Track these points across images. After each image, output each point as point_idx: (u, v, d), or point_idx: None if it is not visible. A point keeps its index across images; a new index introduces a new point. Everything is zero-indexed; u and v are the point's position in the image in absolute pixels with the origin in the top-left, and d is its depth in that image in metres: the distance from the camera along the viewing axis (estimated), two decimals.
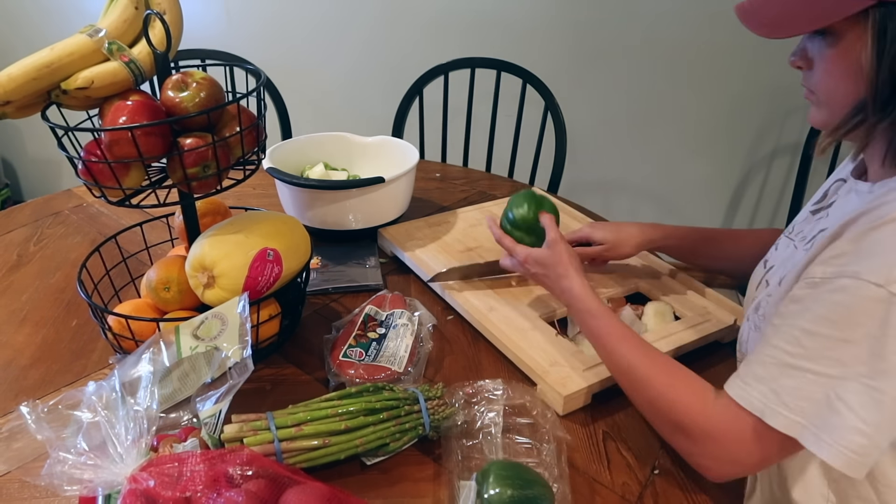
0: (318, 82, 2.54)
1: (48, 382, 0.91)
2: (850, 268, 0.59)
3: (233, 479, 0.63)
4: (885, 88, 0.62)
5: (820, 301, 0.61)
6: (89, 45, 0.78)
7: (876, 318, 0.57)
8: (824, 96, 0.69)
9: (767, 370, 0.64)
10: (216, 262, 0.83)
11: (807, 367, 0.61)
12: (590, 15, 2.26)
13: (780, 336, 0.64)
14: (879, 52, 0.61)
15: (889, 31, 0.60)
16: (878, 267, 0.57)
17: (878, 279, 0.57)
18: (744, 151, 2.39)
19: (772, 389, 0.63)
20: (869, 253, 0.59)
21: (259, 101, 0.88)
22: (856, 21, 0.62)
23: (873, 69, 0.62)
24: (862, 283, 0.58)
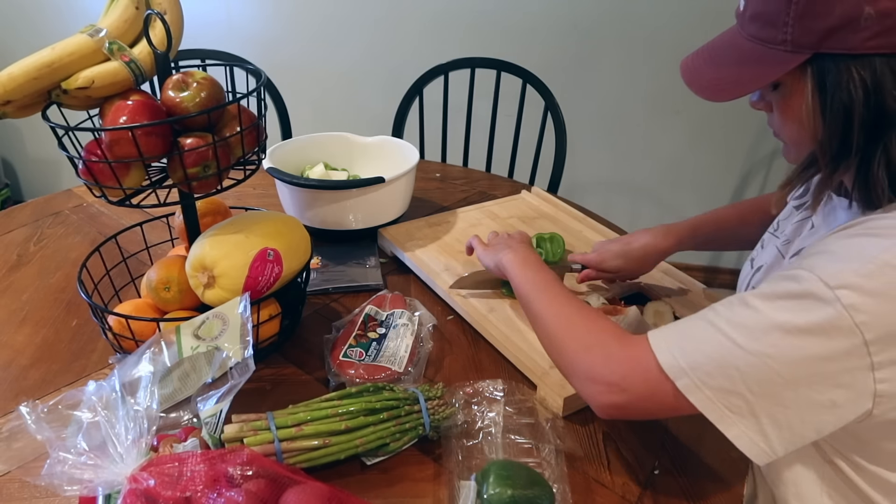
0: (318, 82, 2.55)
1: (48, 382, 0.91)
2: (808, 261, 0.59)
3: (233, 478, 0.63)
4: (833, 143, 0.61)
5: (770, 283, 0.61)
6: (90, 44, 0.78)
7: (810, 311, 0.56)
8: (787, 140, 0.68)
9: (690, 321, 0.64)
10: (216, 262, 0.83)
11: (722, 329, 0.61)
12: (590, 15, 2.26)
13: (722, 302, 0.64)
14: (822, 106, 0.60)
15: (829, 84, 0.59)
16: (836, 271, 0.57)
17: (830, 280, 0.56)
18: (744, 151, 2.40)
19: (680, 334, 0.64)
20: (833, 258, 0.58)
21: (259, 101, 0.88)
22: (798, 74, 0.61)
23: (818, 123, 0.61)
24: (813, 277, 0.57)
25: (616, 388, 0.67)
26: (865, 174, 0.61)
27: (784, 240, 0.79)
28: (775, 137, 0.70)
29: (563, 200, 1.40)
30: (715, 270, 2.58)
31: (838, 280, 0.56)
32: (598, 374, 0.68)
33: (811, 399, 0.58)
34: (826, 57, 0.59)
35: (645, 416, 0.70)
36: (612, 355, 0.68)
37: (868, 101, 0.57)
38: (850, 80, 0.58)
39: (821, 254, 0.60)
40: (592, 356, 0.70)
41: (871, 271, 0.55)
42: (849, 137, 0.60)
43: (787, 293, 0.59)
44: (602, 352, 0.69)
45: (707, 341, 0.61)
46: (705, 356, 0.61)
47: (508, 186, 1.54)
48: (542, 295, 0.80)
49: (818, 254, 0.60)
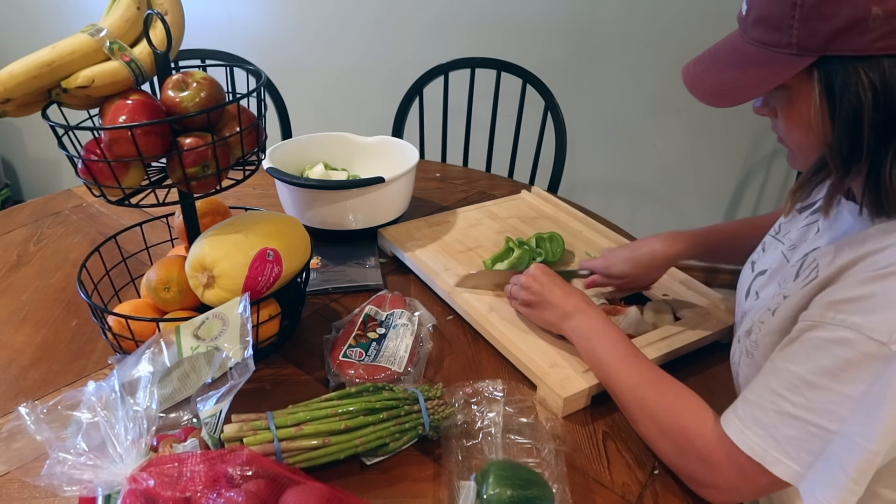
0: (318, 82, 2.55)
1: (48, 382, 0.91)
2: (853, 319, 0.58)
3: (232, 479, 0.63)
4: (843, 146, 0.60)
5: (821, 350, 0.60)
6: (90, 44, 0.78)
7: (875, 375, 0.57)
8: (792, 146, 0.67)
9: (768, 417, 0.64)
10: (216, 263, 0.83)
11: (807, 419, 0.61)
12: (590, 15, 2.26)
13: (780, 381, 0.63)
14: (831, 110, 0.59)
15: (836, 87, 0.58)
16: (882, 322, 0.56)
17: (881, 336, 0.56)
18: (744, 151, 2.40)
19: (773, 437, 0.63)
20: (873, 306, 0.58)
21: (259, 102, 0.87)
22: (804, 78, 0.60)
23: (827, 127, 0.60)
24: (864, 338, 0.57)
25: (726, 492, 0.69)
26: (876, 178, 0.60)
27: (789, 245, 0.78)
28: (780, 143, 0.69)
29: (563, 200, 1.40)
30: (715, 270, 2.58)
31: (890, 334, 0.56)
32: (703, 481, 0.71)
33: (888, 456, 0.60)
34: (833, 59, 0.58)
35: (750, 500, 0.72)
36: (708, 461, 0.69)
37: (878, 103, 0.56)
38: (859, 83, 0.56)
39: (853, 301, 0.59)
40: (689, 461, 0.71)
41: None
42: (859, 140, 0.58)
43: (846, 363, 0.58)
44: (696, 456, 0.70)
45: (803, 438, 0.61)
46: (809, 452, 0.61)
47: (508, 186, 1.54)
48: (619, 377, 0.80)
49: (850, 301, 0.59)
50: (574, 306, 0.89)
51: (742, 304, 0.84)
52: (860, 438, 0.58)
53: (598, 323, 0.86)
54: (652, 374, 0.78)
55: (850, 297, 0.60)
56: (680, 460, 0.73)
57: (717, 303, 1.05)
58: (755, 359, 0.74)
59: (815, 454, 0.61)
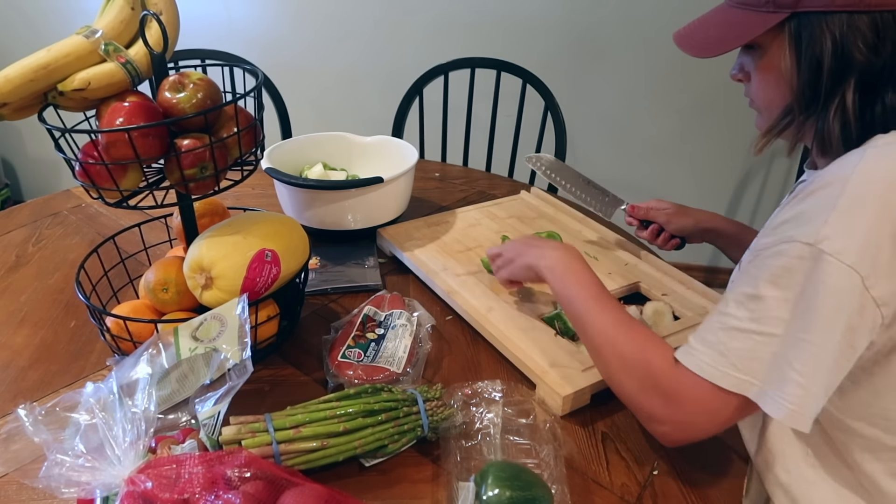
0: (317, 82, 2.54)
1: (46, 384, 0.91)
2: (788, 233, 0.64)
3: (231, 480, 0.63)
4: (806, 90, 0.69)
5: (762, 266, 0.66)
6: (86, 46, 0.78)
7: (806, 274, 0.62)
8: (762, 104, 0.75)
9: (716, 335, 0.68)
10: (214, 264, 0.83)
11: (753, 329, 0.65)
12: (590, 15, 2.26)
13: (726, 304, 0.68)
14: (798, 58, 0.68)
15: (804, 38, 0.67)
16: (809, 228, 0.62)
17: (809, 238, 0.61)
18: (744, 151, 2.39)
19: (720, 353, 0.67)
20: (802, 216, 0.64)
21: (256, 102, 0.87)
22: (776, 33, 0.69)
23: (794, 73, 0.69)
24: (796, 244, 0.62)
25: (683, 425, 0.71)
26: (822, 125, 0.69)
27: None
28: (750, 107, 0.77)
29: (563, 200, 1.39)
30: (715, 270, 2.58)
31: (815, 236, 0.61)
32: (661, 416, 0.73)
33: (844, 355, 0.63)
34: (801, 15, 0.67)
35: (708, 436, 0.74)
36: (668, 395, 0.71)
37: (836, 51, 0.66)
38: (822, 35, 0.66)
39: (788, 221, 0.65)
40: (650, 398, 0.73)
41: (836, 215, 0.61)
42: (819, 84, 0.68)
43: (782, 269, 0.63)
44: (658, 392, 0.72)
45: (749, 348, 0.65)
46: (756, 360, 0.65)
47: (508, 186, 1.54)
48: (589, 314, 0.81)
49: (786, 222, 0.65)
50: (551, 246, 0.92)
51: None
52: (802, 333, 0.62)
53: (574, 262, 0.88)
54: (622, 315, 0.80)
55: (785, 219, 0.66)
56: (641, 396, 0.74)
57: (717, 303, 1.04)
58: None
59: (763, 360, 0.64)
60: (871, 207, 0.60)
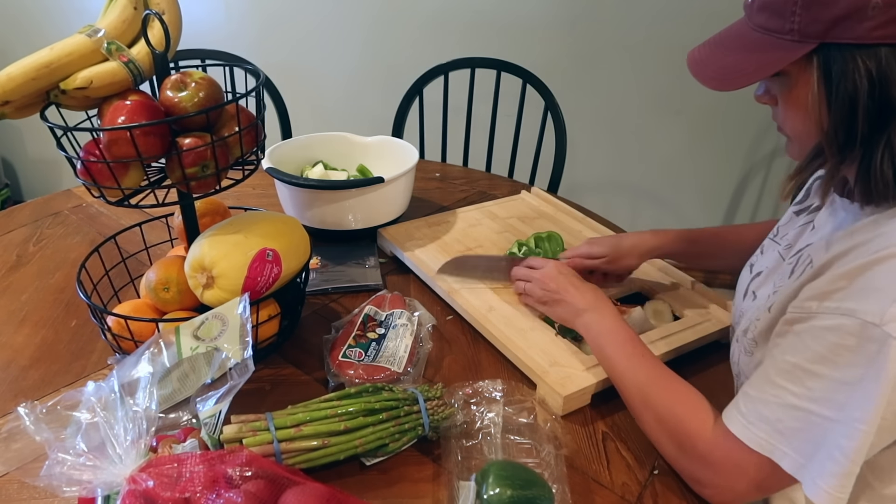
0: (318, 82, 2.54)
1: (47, 383, 0.91)
2: (847, 304, 0.59)
3: (232, 479, 0.63)
4: (839, 133, 0.61)
5: (817, 339, 0.61)
6: (88, 45, 0.78)
7: (869, 358, 0.57)
8: (790, 133, 0.68)
9: (771, 410, 0.64)
10: (215, 263, 0.83)
11: (809, 409, 0.61)
12: (590, 14, 2.26)
13: (779, 373, 0.64)
14: (828, 96, 0.60)
15: (834, 73, 0.59)
16: (874, 305, 0.57)
17: (874, 318, 0.57)
18: (744, 151, 2.39)
19: (777, 430, 0.63)
20: (865, 289, 0.59)
21: (258, 101, 0.87)
22: (803, 64, 0.61)
23: (823, 113, 0.61)
24: (857, 321, 0.58)
25: (729, 493, 0.69)
26: (868, 166, 0.61)
27: (786, 245, 0.79)
28: (779, 132, 0.70)
29: (563, 200, 1.40)
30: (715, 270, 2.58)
31: (882, 316, 0.56)
32: (707, 482, 0.71)
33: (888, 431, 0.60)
34: (832, 46, 0.59)
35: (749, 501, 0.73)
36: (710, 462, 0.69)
37: (873, 91, 0.58)
38: (856, 70, 0.58)
39: (847, 289, 0.60)
40: (692, 462, 0.72)
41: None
42: (854, 127, 0.60)
43: (842, 348, 0.59)
44: (698, 458, 0.70)
45: (806, 429, 0.62)
46: (812, 443, 0.61)
47: (508, 186, 1.54)
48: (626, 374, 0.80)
49: (844, 289, 0.60)
50: (587, 304, 0.90)
51: (739, 304, 0.85)
52: (858, 423, 0.58)
53: (609, 320, 0.86)
54: (658, 371, 0.78)
55: (843, 285, 0.60)
56: (682, 460, 0.73)
57: (717, 303, 1.05)
58: (754, 357, 0.74)
59: (818, 444, 0.61)
60: None
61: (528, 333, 0.96)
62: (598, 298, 0.91)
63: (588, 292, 0.92)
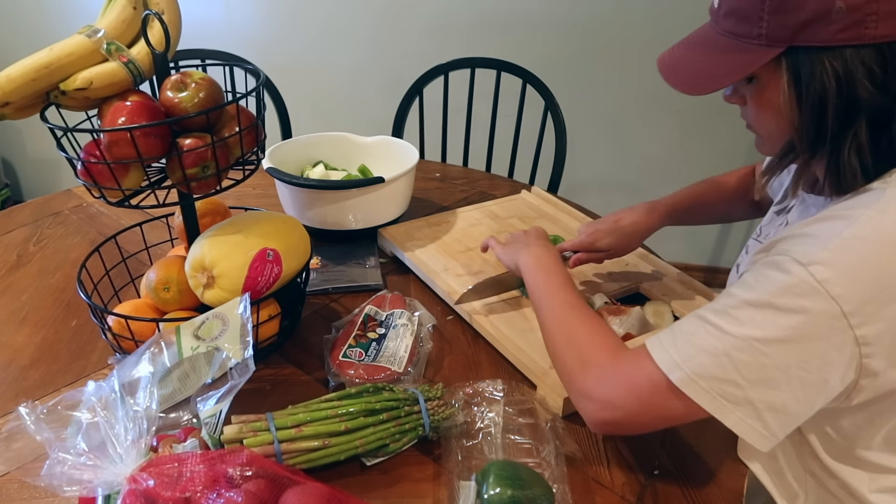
0: (318, 82, 2.54)
1: (48, 383, 0.91)
2: (783, 246, 0.62)
3: (232, 479, 0.63)
4: (810, 130, 0.63)
5: (749, 273, 0.64)
6: (88, 45, 0.78)
7: (789, 292, 0.59)
8: (760, 131, 0.71)
9: (679, 324, 0.66)
10: (216, 263, 0.83)
11: (708, 319, 0.63)
12: (590, 15, 2.26)
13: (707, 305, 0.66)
14: (798, 97, 0.63)
15: (803, 75, 0.61)
16: (806, 248, 0.59)
17: (804, 258, 0.59)
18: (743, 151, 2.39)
19: (671, 331, 0.66)
20: (803, 237, 0.61)
21: (258, 102, 0.87)
22: (772, 67, 0.63)
23: (794, 112, 0.64)
24: (787, 258, 0.60)
25: (609, 406, 0.68)
26: (837, 160, 0.64)
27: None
28: (748, 130, 0.72)
29: (563, 200, 1.40)
30: (715, 270, 2.58)
31: (810, 257, 0.58)
32: (591, 391, 0.70)
33: (803, 379, 0.59)
34: (800, 49, 0.61)
35: (638, 430, 0.73)
36: (606, 373, 0.70)
37: (841, 90, 0.60)
38: (824, 72, 0.60)
39: (791, 237, 0.63)
40: (587, 373, 0.71)
41: (838, 245, 0.58)
42: (823, 125, 0.62)
43: (764, 276, 0.61)
44: (597, 369, 0.71)
45: (696, 333, 0.63)
46: (696, 347, 0.62)
47: (508, 186, 1.54)
48: (550, 301, 0.82)
49: (788, 238, 0.63)
50: (537, 245, 0.93)
51: None
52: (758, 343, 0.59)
53: (547, 259, 0.89)
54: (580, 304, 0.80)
55: (788, 235, 0.63)
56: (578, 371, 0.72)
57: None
58: None
59: (702, 349, 0.62)
60: (876, 245, 0.58)
61: (528, 334, 0.96)
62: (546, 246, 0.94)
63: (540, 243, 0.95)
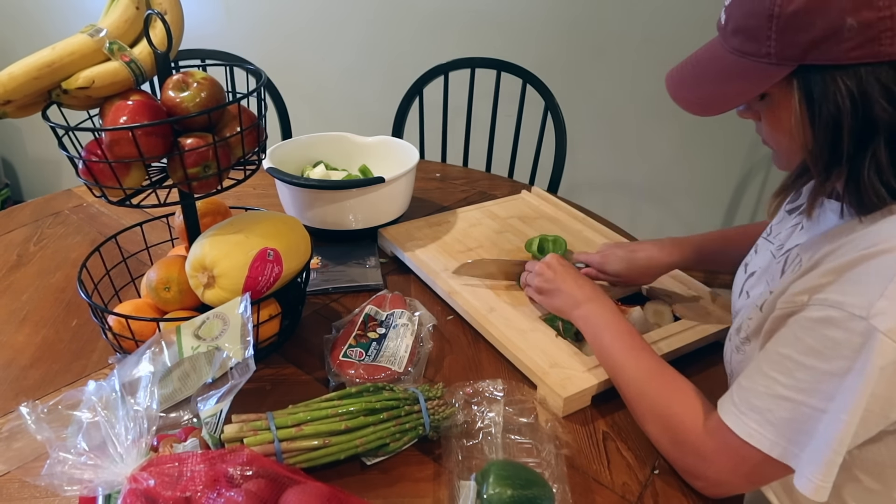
0: (318, 82, 2.55)
1: (48, 382, 0.91)
2: (834, 297, 0.60)
3: (233, 479, 0.63)
4: (824, 152, 0.61)
5: (807, 330, 0.62)
6: (90, 44, 0.78)
7: (856, 350, 0.58)
8: (776, 147, 0.69)
9: (762, 401, 0.65)
10: (216, 262, 0.83)
11: (799, 400, 0.62)
12: (589, 15, 2.26)
13: (771, 364, 0.65)
14: (811, 118, 0.61)
15: (815, 95, 0.59)
16: (861, 299, 0.58)
17: (861, 311, 0.57)
18: (744, 151, 2.40)
19: (768, 420, 0.64)
20: (852, 283, 0.59)
21: (259, 102, 0.88)
22: (784, 85, 0.62)
23: (807, 134, 0.62)
24: (845, 314, 0.58)
25: (717, 484, 0.71)
26: (857, 180, 0.61)
27: (778, 245, 0.80)
28: (765, 145, 0.70)
29: (563, 200, 1.40)
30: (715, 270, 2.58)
31: (867, 309, 0.57)
32: (693, 471, 0.73)
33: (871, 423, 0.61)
34: (811, 68, 0.59)
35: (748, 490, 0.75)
36: (703, 455, 0.70)
37: (856, 110, 0.58)
38: (837, 91, 0.58)
39: (836, 283, 0.61)
40: (685, 454, 0.73)
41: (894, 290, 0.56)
42: (839, 146, 0.60)
43: (830, 340, 0.60)
44: (692, 450, 0.72)
45: (797, 419, 0.62)
46: (805, 433, 0.62)
47: (508, 186, 1.54)
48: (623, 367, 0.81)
49: (833, 283, 0.61)
50: (585, 296, 0.91)
51: (735, 303, 0.86)
52: (843, 414, 0.59)
53: (608, 313, 0.88)
54: (655, 365, 0.79)
55: (832, 279, 0.61)
56: (676, 452, 0.75)
57: (717, 303, 1.05)
58: (746, 354, 0.75)
59: (807, 433, 0.62)
60: None
61: (528, 334, 0.96)
62: (597, 291, 0.92)
63: (586, 285, 0.93)
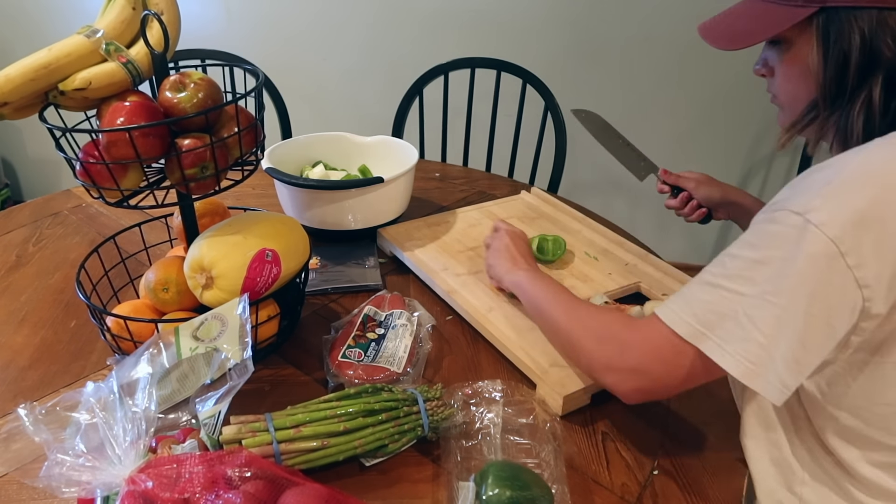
0: (318, 82, 2.55)
1: (46, 383, 0.91)
2: (780, 204, 0.65)
3: (231, 480, 0.63)
4: (832, 85, 0.69)
5: (750, 232, 0.67)
6: (87, 45, 0.78)
7: (790, 241, 0.62)
8: (785, 99, 0.76)
9: (690, 289, 0.70)
10: (215, 263, 0.83)
11: (722, 285, 0.66)
12: (589, 14, 2.26)
13: (711, 264, 0.69)
14: (825, 53, 0.69)
15: (832, 32, 0.68)
16: (801, 198, 0.63)
17: (798, 208, 0.62)
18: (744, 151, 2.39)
19: (687, 302, 0.69)
20: (798, 190, 0.65)
21: (257, 102, 0.87)
22: (803, 28, 0.70)
23: (821, 69, 0.70)
24: (785, 212, 0.63)
25: (636, 373, 0.73)
26: (846, 120, 0.69)
27: None
28: (773, 103, 0.78)
29: (563, 200, 1.39)
30: None
31: (805, 206, 0.62)
32: (616, 363, 0.75)
33: (813, 326, 0.62)
34: (831, 10, 0.67)
35: (668, 393, 0.77)
36: (625, 342, 0.74)
37: (864, 46, 0.66)
38: (851, 30, 0.66)
39: (787, 191, 0.66)
40: (607, 347, 0.76)
41: (830, 190, 0.61)
42: (845, 79, 0.68)
43: (766, 234, 0.65)
44: (616, 341, 0.75)
45: (713, 301, 0.66)
46: (717, 314, 0.66)
47: (508, 186, 1.54)
48: (553, 303, 0.87)
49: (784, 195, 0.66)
50: (522, 266, 0.98)
51: None
52: (770, 295, 0.62)
53: (539, 280, 0.93)
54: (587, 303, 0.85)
55: (783, 196, 0.66)
56: (597, 348, 0.77)
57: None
58: None
59: (724, 315, 0.65)
60: (866, 188, 0.60)
61: (527, 333, 0.96)
62: (533, 265, 1.00)
63: (528, 258, 1.02)
